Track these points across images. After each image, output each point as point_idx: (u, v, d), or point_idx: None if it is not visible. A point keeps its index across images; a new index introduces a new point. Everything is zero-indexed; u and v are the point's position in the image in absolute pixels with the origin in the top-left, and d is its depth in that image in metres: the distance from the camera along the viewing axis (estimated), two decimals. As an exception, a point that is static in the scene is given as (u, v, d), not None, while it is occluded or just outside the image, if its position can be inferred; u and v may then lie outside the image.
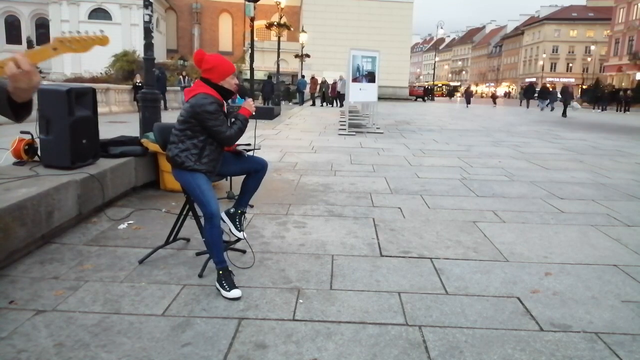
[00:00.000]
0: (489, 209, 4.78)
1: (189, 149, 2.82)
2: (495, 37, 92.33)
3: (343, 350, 2.19)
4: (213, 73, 2.83)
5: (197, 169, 2.82)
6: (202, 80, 2.87)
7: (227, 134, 2.84)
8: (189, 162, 2.81)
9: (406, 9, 44.09)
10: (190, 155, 2.82)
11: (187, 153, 2.82)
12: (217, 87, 2.85)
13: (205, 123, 2.77)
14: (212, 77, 2.84)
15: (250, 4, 15.47)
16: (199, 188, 2.79)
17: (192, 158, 2.82)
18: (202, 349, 2.17)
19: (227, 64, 2.89)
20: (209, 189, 2.81)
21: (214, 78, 2.84)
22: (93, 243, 3.49)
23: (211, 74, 2.83)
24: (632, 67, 45.06)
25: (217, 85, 2.85)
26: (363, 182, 5.91)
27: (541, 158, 8.44)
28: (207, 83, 2.84)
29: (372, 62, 12.33)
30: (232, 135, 2.86)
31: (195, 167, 2.82)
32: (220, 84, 2.85)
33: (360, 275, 3.06)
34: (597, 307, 2.68)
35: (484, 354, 2.18)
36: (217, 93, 2.85)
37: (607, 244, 3.80)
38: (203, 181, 2.82)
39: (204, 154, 2.84)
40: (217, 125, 2.79)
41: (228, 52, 56.59)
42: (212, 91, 2.83)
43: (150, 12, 5.72)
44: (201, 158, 2.83)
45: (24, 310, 2.46)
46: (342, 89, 25.72)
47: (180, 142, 2.85)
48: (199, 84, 2.86)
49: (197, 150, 2.82)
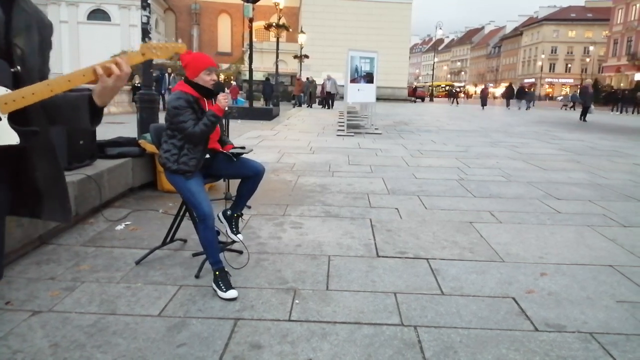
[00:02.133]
0: (485, 209, 4.79)
1: (170, 149, 2.81)
2: (494, 37, 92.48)
3: (338, 350, 2.20)
4: (188, 70, 2.81)
5: (175, 170, 2.79)
6: (184, 79, 2.88)
7: (190, 131, 2.74)
8: (169, 164, 2.80)
9: (405, 9, 44.17)
10: (170, 155, 2.80)
11: (167, 154, 2.81)
12: (192, 84, 2.82)
13: (172, 119, 2.76)
14: (188, 75, 2.83)
15: (249, 5, 15.48)
16: (189, 190, 2.79)
17: (172, 159, 2.80)
18: (197, 349, 2.17)
19: (200, 60, 2.82)
20: (200, 190, 2.80)
21: (190, 75, 2.82)
22: (90, 244, 3.50)
23: (187, 71, 2.82)
24: (630, 68, 45.13)
25: (193, 82, 2.82)
26: (360, 183, 5.91)
27: (538, 158, 8.45)
28: (185, 81, 2.85)
29: (371, 63, 12.35)
30: (196, 131, 2.75)
31: (174, 167, 2.79)
32: (195, 81, 2.81)
33: (357, 275, 3.06)
34: (591, 308, 2.69)
35: (478, 354, 2.19)
36: (194, 90, 2.82)
37: (603, 244, 3.82)
38: (193, 183, 2.81)
39: (182, 153, 2.80)
40: (182, 122, 2.73)
41: (227, 52, 56.61)
42: (188, 88, 2.81)
43: (148, 13, 5.73)
44: (180, 158, 2.79)
45: (20, 311, 2.46)
46: (332, 89, 24.93)
47: (164, 142, 2.85)
48: (180, 83, 2.88)
49: (176, 149, 2.80)
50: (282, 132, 12.07)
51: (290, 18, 46.71)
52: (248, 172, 3.11)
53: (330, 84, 24.74)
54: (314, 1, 42.59)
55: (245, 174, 3.11)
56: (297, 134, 11.77)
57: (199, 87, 2.82)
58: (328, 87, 24.92)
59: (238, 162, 3.10)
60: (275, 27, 22.31)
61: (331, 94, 25.22)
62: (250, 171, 3.10)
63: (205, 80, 2.82)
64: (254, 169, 3.11)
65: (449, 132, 13.46)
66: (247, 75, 20.40)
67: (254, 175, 3.11)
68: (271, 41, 34.43)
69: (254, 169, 3.11)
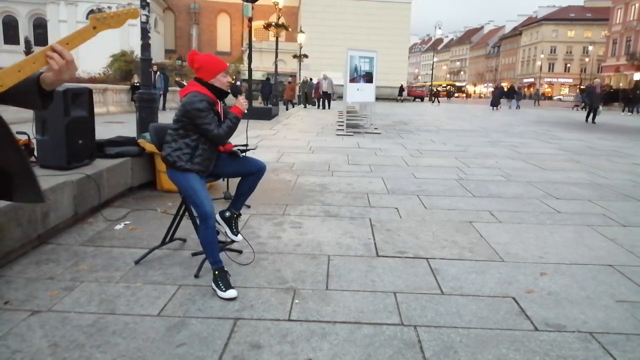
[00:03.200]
0: (485, 209, 4.79)
1: (181, 148, 2.82)
2: (494, 37, 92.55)
3: (338, 350, 2.20)
4: (203, 72, 2.82)
5: (188, 169, 2.81)
6: (196, 80, 2.87)
7: (216, 133, 2.79)
8: (181, 162, 2.80)
9: (404, 9, 44.21)
10: (182, 154, 2.81)
11: (179, 152, 2.81)
12: (209, 85, 2.84)
13: (195, 121, 2.76)
14: (203, 76, 2.83)
15: (248, 5, 15.47)
16: (192, 189, 2.79)
17: (184, 158, 2.80)
18: (197, 349, 2.17)
19: (216, 62, 2.86)
20: (202, 189, 2.80)
21: (205, 77, 2.83)
22: (89, 243, 3.49)
23: (201, 73, 2.83)
24: (629, 68, 45.17)
25: (209, 83, 2.84)
26: (360, 183, 5.91)
27: (538, 158, 8.46)
28: (200, 82, 2.84)
29: (370, 63, 12.35)
30: (221, 134, 2.82)
31: (187, 166, 2.80)
32: (211, 82, 2.83)
33: (356, 275, 3.06)
34: (591, 307, 2.69)
35: (478, 354, 2.19)
36: (210, 92, 2.84)
37: (603, 244, 3.82)
38: (196, 182, 2.81)
39: (196, 153, 2.82)
40: (206, 124, 2.76)
41: (226, 52, 56.52)
42: (204, 89, 2.82)
43: (147, 12, 5.73)
44: (193, 158, 2.82)
45: (19, 310, 2.46)
46: (329, 89, 23.95)
47: (173, 141, 2.85)
48: (192, 83, 2.87)
49: (190, 149, 2.81)
50: (281, 131, 12.06)
51: (290, 17, 46.69)
52: (250, 169, 3.11)
53: (326, 83, 23.81)
54: (314, 1, 42.61)
55: (247, 171, 3.12)
56: (297, 133, 11.77)
57: (214, 88, 2.84)
58: (324, 86, 24.01)
59: (240, 160, 3.12)
60: (274, 27, 22.29)
61: (328, 94, 24.31)
62: (253, 168, 3.11)
63: (222, 82, 2.85)
64: (256, 166, 3.12)
65: (449, 131, 13.46)
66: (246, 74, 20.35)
67: (256, 172, 3.12)
68: (270, 41, 34.45)
69: (256, 166, 3.12)
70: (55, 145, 4.02)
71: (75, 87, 4.45)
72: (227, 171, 3.20)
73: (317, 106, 25.16)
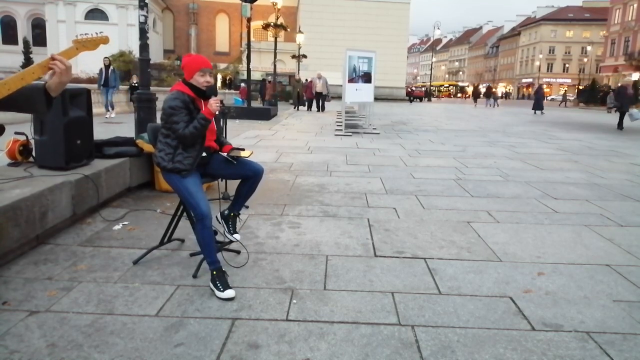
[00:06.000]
0: (483, 209, 4.80)
1: (164, 149, 2.82)
2: (492, 37, 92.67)
3: (335, 350, 2.20)
4: (185, 71, 2.86)
5: (170, 169, 2.80)
6: (181, 79, 2.91)
7: (180, 132, 2.75)
8: (164, 162, 2.81)
9: (403, 9, 44.24)
10: (165, 155, 2.81)
11: (162, 153, 2.82)
12: (189, 84, 2.85)
13: (167, 118, 2.77)
14: (185, 76, 2.87)
15: (247, 5, 15.48)
16: (187, 190, 2.78)
17: (166, 158, 2.80)
18: (194, 349, 2.17)
19: (195, 61, 2.85)
20: (197, 190, 2.80)
21: (186, 76, 2.86)
22: (87, 244, 3.49)
23: (184, 72, 2.87)
24: (628, 68, 45.25)
25: (189, 82, 2.85)
26: (358, 183, 5.92)
27: (536, 158, 8.47)
28: (183, 81, 2.88)
29: (369, 63, 12.36)
30: (185, 134, 2.75)
31: (169, 166, 2.79)
32: (190, 82, 2.85)
33: (354, 275, 3.06)
34: (588, 307, 2.70)
35: (475, 354, 2.20)
36: (192, 91, 2.84)
37: (600, 244, 3.82)
38: (191, 183, 2.81)
39: (177, 152, 2.80)
40: (174, 122, 2.75)
41: (225, 52, 56.56)
42: (185, 88, 2.84)
43: (145, 12, 5.72)
44: (175, 157, 2.80)
45: (17, 311, 2.46)
46: (323, 89, 22.05)
47: (159, 142, 2.86)
48: (177, 83, 2.91)
49: (171, 149, 2.81)
50: (280, 131, 12.06)
51: (288, 18, 46.71)
52: (247, 172, 3.06)
53: (321, 83, 21.84)
54: (312, 1, 42.61)
55: (244, 175, 3.08)
56: (295, 133, 11.77)
57: (194, 87, 2.85)
58: (318, 86, 21.94)
59: (238, 162, 3.08)
60: (273, 27, 22.30)
61: (322, 95, 22.25)
62: (250, 172, 3.06)
63: (198, 81, 2.83)
64: (253, 170, 3.06)
65: (447, 132, 13.47)
66: (245, 74, 20.34)
67: (253, 176, 3.07)
68: (269, 41, 34.48)
69: (253, 170, 3.06)
70: (54, 146, 4.02)
71: (74, 88, 4.45)
72: (223, 173, 3.18)
73: (308, 108, 23.20)
